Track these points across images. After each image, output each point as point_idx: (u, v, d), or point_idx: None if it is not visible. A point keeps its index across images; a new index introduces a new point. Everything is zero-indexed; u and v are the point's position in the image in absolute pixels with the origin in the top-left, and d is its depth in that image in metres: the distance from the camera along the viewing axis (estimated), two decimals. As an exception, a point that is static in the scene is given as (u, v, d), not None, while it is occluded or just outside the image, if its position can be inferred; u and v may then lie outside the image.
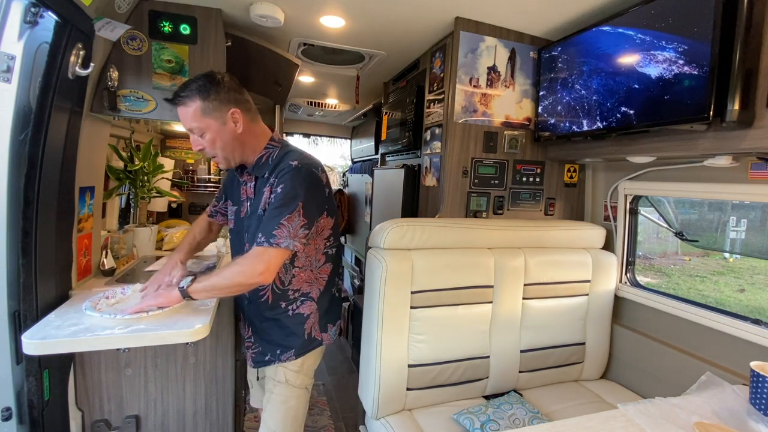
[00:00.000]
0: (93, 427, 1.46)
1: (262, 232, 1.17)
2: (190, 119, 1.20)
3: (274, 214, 1.18)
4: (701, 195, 1.61)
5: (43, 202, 1.22)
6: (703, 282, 4.57)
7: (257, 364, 1.40)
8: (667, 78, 1.30)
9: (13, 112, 1.14)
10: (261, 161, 1.30)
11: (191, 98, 1.19)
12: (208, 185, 2.94)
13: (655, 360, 1.70)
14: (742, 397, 1.05)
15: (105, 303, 1.28)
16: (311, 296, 1.36)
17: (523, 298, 1.73)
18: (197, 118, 1.19)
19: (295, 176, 1.21)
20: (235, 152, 1.27)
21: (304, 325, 1.36)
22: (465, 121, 1.89)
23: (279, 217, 1.17)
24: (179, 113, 1.22)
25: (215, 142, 1.22)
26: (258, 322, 1.38)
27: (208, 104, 1.20)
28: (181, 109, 1.21)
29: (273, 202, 1.20)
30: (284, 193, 1.19)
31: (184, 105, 1.20)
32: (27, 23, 1.11)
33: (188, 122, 1.21)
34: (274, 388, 1.37)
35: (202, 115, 1.19)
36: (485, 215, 1.97)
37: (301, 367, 1.38)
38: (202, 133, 1.21)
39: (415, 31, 2.00)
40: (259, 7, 1.72)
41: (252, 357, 1.41)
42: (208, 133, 1.21)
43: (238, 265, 1.17)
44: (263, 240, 1.16)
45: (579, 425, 0.93)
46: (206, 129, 1.21)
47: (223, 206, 1.54)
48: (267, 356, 1.36)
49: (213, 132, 1.21)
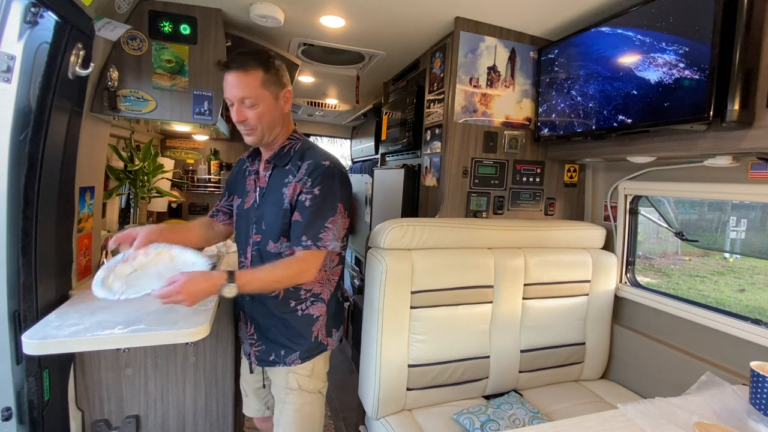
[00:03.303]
0: (93, 427, 1.46)
1: (307, 235, 1.16)
2: (247, 87, 1.14)
3: (317, 216, 1.16)
4: (701, 195, 1.61)
5: (43, 202, 1.22)
6: (703, 282, 4.57)
7: (261, 362, 1.34)
8: (666, 78, 1.30)
9: (13, 112, 1.15)
10: (283, 151, 1.26)
11: (254, 66, 1.14)
12: (208, 185, 2.94)
13: (655, 360, 1.70)
14: (742, 397, 1.05)
15: (122, 270, 1.13)
16: (322, 297, 1.32)
17: (523, 298, 1.73)
18: (256, 87, 1.14)
19: (333, 177, 1.20)
20: (273, 131, 1.23)
21: (312, 327, 1.30)
22: (465, 121, 1.89)
23: (323, 219, 1.17)
24: (232, 79, 1.14)
25: (264, 116, 1.18)
26: (262, 319, 1.31)
27: (270, 77, 1.17)
28: (239, 76, 1.13)
29: (311, 203, 1.17)
30: (323, 194, 1.17)
31: (244, 71, 1.13)
32: (27, 23, 1.11)
33: (243, 90, 1.14)
34: (287, 396, 1.30)
35: (261, 86, 1.15)
36: (485, 215, 1.97)
37: (312, 371, 1.32)
38: (254, 104, 1.15)
39: (415, 31, 2.00)
40: (259, 7, 1.72)
41: (255, 354, 1.34)
42: (261, 105, 1.16)
43: (288, 267, 1.15)
44: (310, 243, 1.16)
45: (579, 425, 0.93)
46: (260, 101, 1.16)
47: (226, 204, 1.47)
48: (271, 356, 1.30)
49: (266, 105, 1.17)
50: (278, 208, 1.21)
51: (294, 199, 1.20)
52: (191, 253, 1.18)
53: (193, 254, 1.18)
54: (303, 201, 1.18)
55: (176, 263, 1.16)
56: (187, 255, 1.17)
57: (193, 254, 1.18)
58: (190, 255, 1.17)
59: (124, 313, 1.25)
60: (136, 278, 1.11)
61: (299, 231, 1.17)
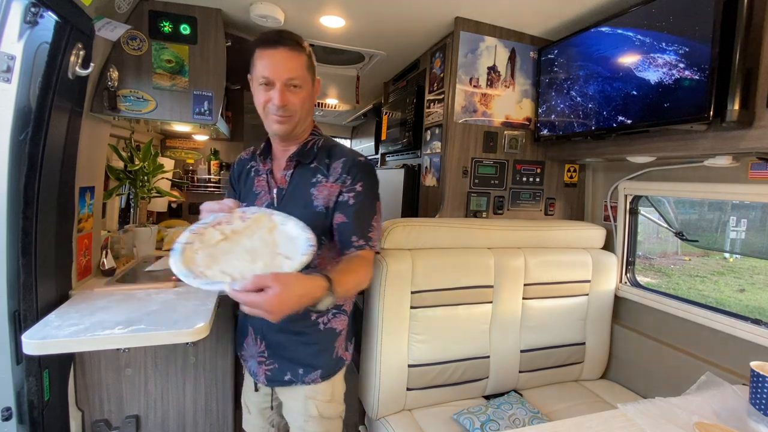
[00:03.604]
0: (93, 427, 1.46)
1: (358, 235, 1.06)
2: (296, 67, 1.02)
3: (363, 214, 1.08)
4: (701, 195, 1.61)
5: (43, 202, 1.22)
6: (703, 282, 4.57)
7: (272, 382, 1.20)
8: (666, 78, 1.30)
9: (13, 112, 1.15)
10: (306, 147, 1.14)
11: (301, 46, 1.04)
12: (208, 185, 2.94)
13: (655, 360, 1.70)
14: (742, 397, 1.05)
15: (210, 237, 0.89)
16: (344, 309, 1.21)
17: (523, 298, 1.73)
18: (303, 68, 1.04)
19: (371, 173, 1.12)
20: (305, 122, 1.12)
21: (335, 342, 1.19)
22: (465, 121, 1.89)
23: (370, 216, 1.09)
24: (281, 56, 1.01)
25: (305, 102, 1.07)
26: (276, 335, 1.16)
27: (312, 61, 1.09)
28: (288, 53, 1.01)
29: (354, 200, 1.07)
30: (365, 191, 1.09)
31: (294, 49, 1.02)
32: (27, 23, 1.11)
33: (292, 70, 1.02)
34: (307, 425, 1.19)
35: (306, 69, 1.06)
36: (485, 215, 1.97)
37: (332, 395, 1.22)
38: (300, 87, 1.04)
39: (415, 31, 2.00)
40: (259, 7, 1.72)
41: (266, 374, 1.18)
42: (305, 89, 1.06)
43: (362, 268, 1.02)
44: (363, 243, 1.06)
45: (579, 425, 0.93)
46: (305, 84, 1.05)
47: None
48: (286, 375, 1.16)
49: (307, 90, 1.07)
50: (306, 210, 1.08)
51: (332, 201, 1.09)
52: (294, 224, 0.94)
53: (296, 226, 0.93)
54: (346, 200, 1.08)
55: (276, 236, 0.92)
56: (289, 226, 0.94)
57: (297, 226, 0.93)
58: (292, 227, 0.93)
59: (124, 312, 1.25)
60: (223, 250, 0.87)
61: (348, 232, 1.07)
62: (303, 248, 0.86)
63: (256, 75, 1.04)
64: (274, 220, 0.96)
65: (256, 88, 1.05)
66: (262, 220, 0.95)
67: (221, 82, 1.75)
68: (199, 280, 0.77)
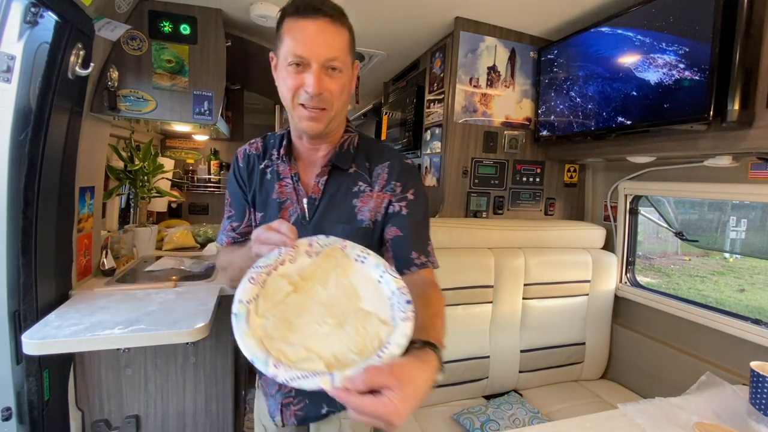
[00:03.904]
0: (93, 427, 1.46)
1: (418, 251, 0.89)
2: (337, 44, 0.79)
3: (420, 225, 0.92)
4: (701, 195, 1.61)
5: (43, 202, 1.22)
6: (703, 282, 4.57)
7: (306, 421, 0.99)
8: (666, 78, 1.30)
9: (13, 112, 1.15)
10: (343, 148, 0.93)
11: (344, 21, 0.81)
12: (208, 185, 2.94)
13: (655, 360, 1.70)
14: (742, 397, 1.05)
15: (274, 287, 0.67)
16: None
17: (523, 298, 1.73)
18: (345, 48, 0.82)
19: (419, 178, 0.96)
20: (341, 116, 0.90)
21: None
22: (465, 121, 1.89)
23: (426, 228, 0.94)
24: (316, 27, 0.77)
25: (344, 90, 0.84)
26: None
27: (353, 40, 0.86)
28: (330, 26, 0.78)
29: (408, 210, 0.91)
30: (417, 200, 0.93)
31: (336, 21, 0.79)
32: (27, 23, 1.11)
33: (332, 48, 0.78)
34: None
35: (348, 48, 0.83)
36: (485, 215, 1.97)
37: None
38: (341, 70, 0.81)
39: (415, 31, 2.00)
40: (259, 7, 1.72)
41: (296, 414, 0.97)
42: (345, 74, 0.83)
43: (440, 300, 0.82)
44: (425, 260, 0.90)
45: (579, 425, 0.93)
46: (345, 68, 0.82)
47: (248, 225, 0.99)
48: (323, 409, 0.96)
49: (348, 76, 0.84)
50: (349, 226, 0.89)
51: (380, 214, 0.91)
52: (374, 262, 0.71)
53: (377, 264, 0.70)
54: (398, 211, 0.91)
55: (354, 279, 0.70)
56: (369, 264, 0.71)
57: (378, 264, 0.70)
58: (372, 265, 0.71)
59: (124, 312, 1.25)
60: (295, 310, 0.65)
61: (406, 247, 0.90)
62: (399, 304, 0.65)
63: (285, 52, 0.79)
64: (347, 254, 0.72)
65: (283, 68, 0.80)
66: (334, 255, 0.72)
67: (221, 82, 1.75)
68: (284, 369, 0.55)
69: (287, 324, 0.63)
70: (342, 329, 0.63)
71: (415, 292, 0.71)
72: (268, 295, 0.66)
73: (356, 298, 0.68)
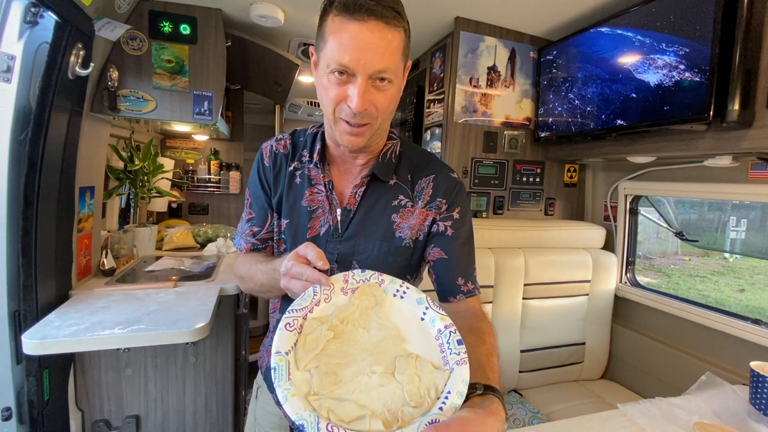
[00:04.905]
0: (93, 427, 1.46)
1: (464, 277, 0.82)
2: (390, 53, 0.67)
3: (466, 249, 0.84)
4: (701, 195, 1.61)
5: (43, 202, 1.22)
6: (703, 282, 4.57)
7: None
8: (666, 78, 1.30)
9: (13, 112, 1.15)
10: (386, 157, 0.83)
11: (399, 22, 0.68)
12: (208, 185, 2.94)
13: (655, 360, 1.70)
14: (742, 397, 1.05)
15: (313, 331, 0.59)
16: None
17: (523, 298, 1.73)
18: (398, 54, 0.69)
19: (465, 194, 0.88)
20: (385, 125, 0.78)
21: None
22: (465, 121, 1.89)
23: (472, 254, 0.86)
24: (368, 33, 0.64)
25: (392, 101, 0.73)
26: None
27: (408, 41, 0.73)
28: (384, 31, 0.65)
29: (453, 230, 0.83)
30: (463, 220, 0.85)
31: (391, 24, 0.66)
32: (27, 23, 1.11)
33: (383, 59, 0.66)
34: None
35: (402, 54, 0.71)
36: (485, 215, 1.97)
37: None
38: (391, 81, 0.69)
39: (415, 31, 1.99)
40: (259, 7, 1.72)
41: None
42: (395, 85, 0.71)
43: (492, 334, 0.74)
44: (472, 287, 0.83)
45: (579, 425, 0.93)
46: (396, 78, 0.70)
47: (269, 231, 0.89)
48: None
49: (398, 85, 0.73)
50: (386, 243, 0.81)
51: (422, 233, 0.83)
52: (415, 300, 0.65)
53: (418, 302, 0.64)
54: (443, 231, 0.83)
55: (395, 319, 0.63)
56: (409, 302, 0.65)
57: (419, 302, 0.64)
58: (413, 303, 0.65)
59: (124, 312, 1.25)
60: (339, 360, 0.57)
61: (452, 272, 0.82)
62: (449, 344, 0.59)
63: (327, 56, 0.67)
64: (385, 289, 0.66)
65: (324, 74, 0.69)
66: (372, 293, 0.65)
67: (221, 82, 1.75)
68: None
69: (332, 377, 0.56)
70: (393, 378, 0.56)
71: (463, 324, 0.67)
72: (307, 345, 0.58)
73: (401, 340, 0.61)
